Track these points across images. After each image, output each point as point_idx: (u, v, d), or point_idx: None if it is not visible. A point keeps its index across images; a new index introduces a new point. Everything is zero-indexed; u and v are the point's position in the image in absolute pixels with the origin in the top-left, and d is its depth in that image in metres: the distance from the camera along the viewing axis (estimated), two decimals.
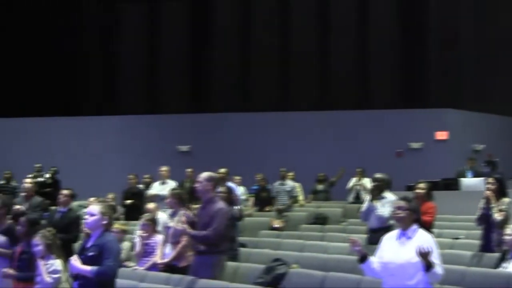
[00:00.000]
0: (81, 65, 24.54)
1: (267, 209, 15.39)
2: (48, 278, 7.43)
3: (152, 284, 8.56)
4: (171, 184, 14.27)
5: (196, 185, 8.65)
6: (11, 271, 7.89)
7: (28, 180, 11.53)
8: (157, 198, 13.25)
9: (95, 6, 24.77)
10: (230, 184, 12.14)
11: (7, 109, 22.96)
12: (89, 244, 6.63)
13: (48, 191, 16.31)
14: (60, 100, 23.42)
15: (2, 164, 20.14)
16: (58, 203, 10.50)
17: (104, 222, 6.63)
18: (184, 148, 21.57)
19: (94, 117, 22.90)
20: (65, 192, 10.61)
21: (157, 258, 9.30)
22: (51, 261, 7.55)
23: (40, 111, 22.57)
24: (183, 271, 8.73)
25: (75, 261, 6.51)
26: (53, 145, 21.85)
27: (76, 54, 24.27)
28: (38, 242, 7.60)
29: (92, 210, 6.70)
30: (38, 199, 11.24)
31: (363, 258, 6.18)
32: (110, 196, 13.35)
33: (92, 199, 11.49)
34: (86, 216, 6.70)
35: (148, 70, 24.43)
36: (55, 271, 7.52)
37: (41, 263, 7.52)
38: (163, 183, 14.61)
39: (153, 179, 15.77)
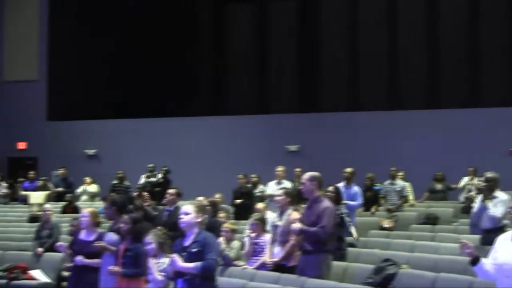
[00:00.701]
0: (194, 67, 25.05)
1: (372, 209, 15.15)
2: (159, 277, 7.57)
3: (261, 283, 8.62)
4: (286, 184, 14.34)
5: (301, 186, 8.65)
6: (116, 268, 8.09)
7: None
8: (271, 198, 13.29)
9: (207, 8, 25.21)
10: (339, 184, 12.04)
11: (123, 110, 23.75)
12: (188, 242, 6.77)
13: (158, 190, 16.71)
14: (173, 101, 23.99)
15: (116, 164, 20.81)
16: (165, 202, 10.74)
17: (198, 220, 6.78)
18: (293, 147, 21.60)
19: (205, 117, 23.31)
20: (171, 191, 10.84)
21: (266, 258, 9.33)
22: (162, 260, 7.69)
23: (153, 112, 23.22)
24: (291, 270, 8.74)
25: (177, 259, 6.62)
26: (165, 145, 22.40)
27: (188, 55, 24.78)
28: (151, 240, 7.77)
29: (186, 209, 6.86)
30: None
31: (474, 261, 5.99)
32: (217, 195, 13.56)
33: (200, 198, 11.69)
34: (182, 216, 6.84)
35: (257, 70, 24.61)
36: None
37: (152, 262, 7.67)
38: (279, 183, 14.69)
39: (260, 179, 15.88)
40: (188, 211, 6.82)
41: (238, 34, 24.68)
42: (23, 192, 17.53)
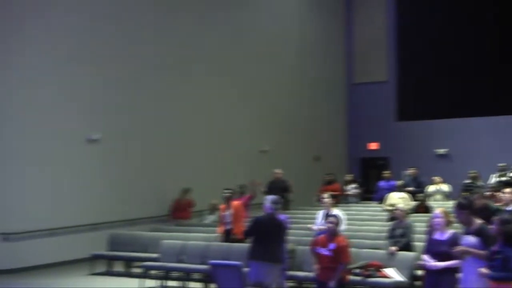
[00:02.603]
0: None
1: None
2: None
3: None
4: None
5: None
6: (485, 270, 7.66)
7: None
8: None
9: None
10: None
11: (476, 108, 23.03)
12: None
13: None
14: None
15: (467, 163, 20.20)
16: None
17: None
18: None
19: None
20: (508, 190, 10.10)
21: None
22: None
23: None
24: None
25: None
26: None
27: None
28: None
29: None
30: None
31: None
32: None
33: None
34: None
35: None
36: None
37: None
38: None
39: None
40: None
41: None
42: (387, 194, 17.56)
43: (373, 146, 26.08)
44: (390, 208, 15.66)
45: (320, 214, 12.93)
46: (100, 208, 17.34)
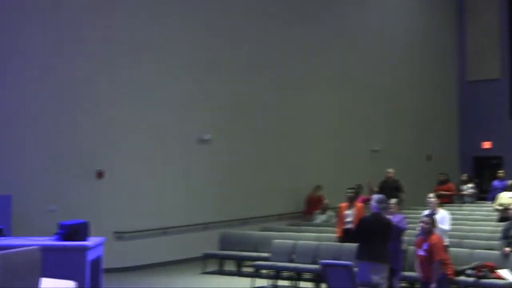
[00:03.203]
0: None
1: None
2: None
3: None
4: None
5: None
6: None
7: None
8: None
9: None
10: None
11: None
12: None
13: None
14: None
15: None
16: None
17: None
18: None
19: None
20: None
21: None
22: None
23: None
24: None
25: None
26: None
27: None
28: None
29: None
30: None
31: None
32: None
33: None
34: None
35: None
36: None
37: None
38: None
39: None
40: None
41: None
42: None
43: (487, 145, 25.41)
44: (500, 207, 15.25)
45: (424, 214, 12.72)
46: (212, 208, 17.63)
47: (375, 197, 10.40)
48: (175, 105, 17.13)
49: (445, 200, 17.74)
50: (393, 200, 11.81)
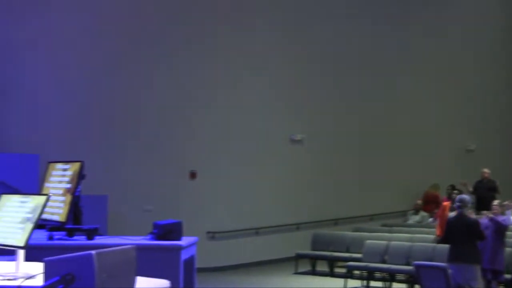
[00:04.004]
0: None
1: None
2: None
3: None
4: None
5: None
6: None
7: None
8: None
9: None
10: None
11: None
12: None
13: None
14: None
15: None
16: None
17: None
18: None
19: None
20: None
21: None
22: None
23: None
24: None
25: None
26: None
27: None
28: None
29: None
30: None
31: None
32: None
33: None
34: None
35: None
36: None
37: None
38: None
39: None
40: None
41: None
42: None
43: None
44: None
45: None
46: (304, 208, 17.61)
47: (459, 197, 10.25)
48: (267, 105, 17.20)
49: None
50: (496, 202, 11.60)
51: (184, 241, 7.44)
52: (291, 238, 17.03)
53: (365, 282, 13.33)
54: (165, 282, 4.94)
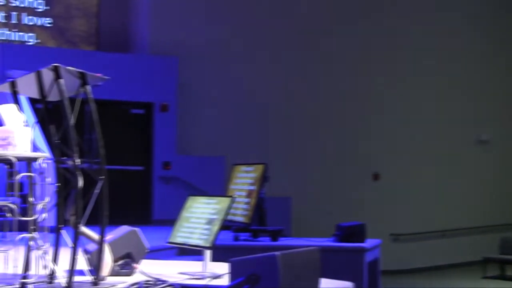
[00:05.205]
0: None
1: None
2: None
3: None
4: None
5: None
6: None
7: None
8: None
9: None
10: None
11: None
12: None
13: None
14: None
15: None
16: None
17: None
18: None
19: None
20: None
21: None
22: None
23: None
24: None
25: None
26: None
27: None
28: None
29: None
30: None
31: None
32: None
33: None
34: None
35: None
36: None
37: None
38: None
39: None
40: None
41: None
42: None
43: None
44: None
45: None
46: (493, 210, 16.95)
47: None
48: (450, 105, 16.73)
49: None
50: None
51: (368, 243, 7.38)
52: (478, 241, 16.45)
53: None
54: (350, 284, 4.91)
